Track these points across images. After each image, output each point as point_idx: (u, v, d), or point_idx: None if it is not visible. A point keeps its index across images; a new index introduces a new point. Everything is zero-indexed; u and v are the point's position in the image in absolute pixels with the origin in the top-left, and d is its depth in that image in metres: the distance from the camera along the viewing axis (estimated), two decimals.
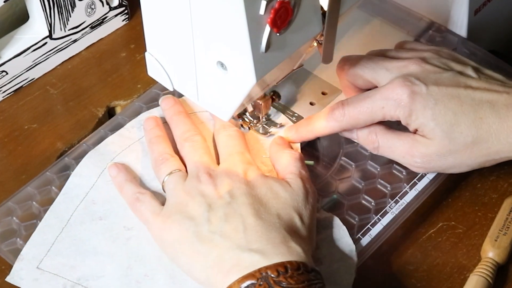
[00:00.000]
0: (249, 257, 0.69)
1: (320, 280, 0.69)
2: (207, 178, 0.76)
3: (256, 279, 0.67)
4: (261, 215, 0.72)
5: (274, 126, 0.85)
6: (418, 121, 0.77)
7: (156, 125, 0.83)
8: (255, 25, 0.66)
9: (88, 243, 0.77)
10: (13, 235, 0.79)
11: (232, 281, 0.68)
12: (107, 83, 0.95)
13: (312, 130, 0.82)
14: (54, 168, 0.84)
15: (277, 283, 0.66)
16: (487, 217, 0.82)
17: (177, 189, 0.76)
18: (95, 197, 0.79)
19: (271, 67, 0.70)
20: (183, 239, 0.73)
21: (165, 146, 0.81)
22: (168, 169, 0.78)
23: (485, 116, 0.76)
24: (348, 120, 0.79)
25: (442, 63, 0.80)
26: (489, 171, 0.85)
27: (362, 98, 0.79)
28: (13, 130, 0.91)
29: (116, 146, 0.83)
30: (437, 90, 0.76)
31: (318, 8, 0.71)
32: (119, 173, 0.80)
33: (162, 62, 0.76)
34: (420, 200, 0.81)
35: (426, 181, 0.82)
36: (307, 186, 0.77)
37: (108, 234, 0.77)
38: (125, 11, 1.01)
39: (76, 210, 0.79)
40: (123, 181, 0.80)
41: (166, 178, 0.78)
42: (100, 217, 0.78)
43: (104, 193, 0.80)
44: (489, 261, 0.77)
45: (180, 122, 0.82)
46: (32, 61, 0.94)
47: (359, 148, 0.85)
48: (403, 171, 0.83)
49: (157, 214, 0.76)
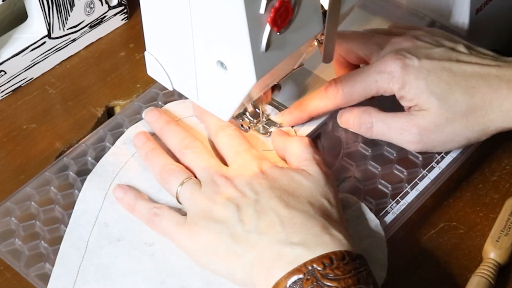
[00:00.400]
0: (292, 251, 0.67)
1: (366, 266, 0.68)
2: (223, 180, 0.74)
3: (302, 274, 0.66)
4: (293, 206, 0.71)
5: (274, 126, 0.85)
6: (412, 92, 0.77)
7: (147, 139, 0.81)
8: (255, 24, 0.65)
9: (113, 266, 0.75)
10: (11, 236, 0.79)
11: (278, 278, 0.66)
12: (106, 83, 0.95)
13: (306, 110, 0.82)
14: (53, 168, 0.83)
15: (324, 276, 0.65)
16: (488, 218, 0.82)
17: (195, 196, 0.75)
18: (106, 220, 0.78)
19: (272, 66, 0.70)
20: (216, 243, 0.71)
21: (165, 158, 0.79)
22: (178, 180, 0.77)
23: (478, 86, 0.77)
24: (342, 97, 0.80)
25: (434, 40, 0.81)
26: (491, 172, 0.85)
27: (355, 73, 0.80)
28: (11, 130, 0.91)
29: (113, 165, 0.82)
30: (429, 63, 0.78)
31: (318, 7, 0.71)
32: (126, 193, 0.79)
33: (161, 62, 0.76)
34: (421, 200, 0.81)
35: (427, 181, 0.82)
36: (324, 169, 0.76)
37: (131, 253, 0.76)
38: (124, 10, 1.01)
39: (90, 236, 0.77)
40: (132, 201, 0.78)
41: (179, 188, 0.76)
42: (118, 239, 0.77)
43: (113, 214, 0.79)
44: (491, 262, 0.77)
45: (173, 131, 0.81)
46: (30, 60, 0.94)
47: (360, 148, 0.85)
48: (404, 171, 0.83)
49: (181, 225, 0.74)
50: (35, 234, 0.79)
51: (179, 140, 0.80)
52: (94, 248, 0.76)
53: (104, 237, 0.77)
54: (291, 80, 0.88)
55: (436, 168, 0.82)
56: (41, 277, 0.76)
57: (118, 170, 0.81)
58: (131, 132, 0.84)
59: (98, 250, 0.76)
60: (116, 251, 0.76)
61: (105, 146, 0.86)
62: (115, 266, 0.75)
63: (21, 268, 0.77)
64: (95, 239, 0.77)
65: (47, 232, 0.79)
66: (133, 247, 0.76)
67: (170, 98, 0.89)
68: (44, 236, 0.79)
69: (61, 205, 0.81)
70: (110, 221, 0.78)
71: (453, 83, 0.77)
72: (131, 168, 0.82)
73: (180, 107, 0.86)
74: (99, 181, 0.81)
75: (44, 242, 0.79)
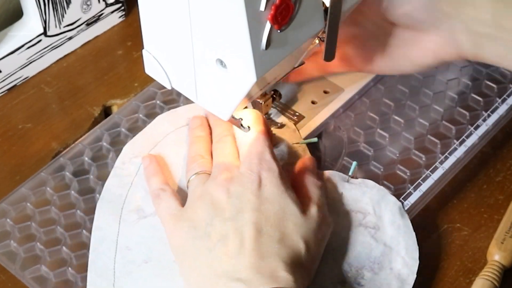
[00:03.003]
0: (236, 286, 0.68)
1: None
2: (223, 181, 0.74)
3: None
4: (261, 239, 0.70)
5: (275, 125, 0.84)
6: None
7: (200, 125, 0.82)
8: (255, 21, 0.65)
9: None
10: (7, 237, 0.79)
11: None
12: (103, 82, 0.95)
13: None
14: (49, 168, 0.83)
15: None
16: (493, 219, 0.82)
17: (195, 191, 0.75)
18: (126, 243, 0.77)
19: (272, 65, 0.69)
20: (184, 247, 0.72)
21: (201, 147, 0.80)
22: (195, 169, 0.77)
23: None
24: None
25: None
26: (495, 172, 0.85)
27: None
28: (7, 129, 0.91)
29: (119, 188, 0.80)
30: None
31: (320, 5, 0.71)
32: (149, 165, 0.80)
33: (159, 60, 0.76)
34: (425, 201, 0.81)
35: (430, 182, 0.81)
36: (323, 214, 0.75)
37: (162, 273, 0.74)
38: (122, 8, 1.01)
39: (115, 263, 0.76)
40: (150, 174, 0.79)
41: (192, 177, 0.77)
42: (144, 260, 0.75)
43: (133, 236, 0.77)
44: (495, 264, 0.77)
45: (216, 124, 0.81)
46: (26, 59, 0.94)
47: (362, 148, 0.85)
48: (407, 172, 0.83)
49: (171, 215, 0.75)
50: (31, 235, 0.79)
51: (217, 133, 0.80)
52: (123, 274, 0.75)
53: (130, 262, 0.76)
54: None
55: (439, 168, 0.82)
56: (37, 280, 0.76)
57: (126, 193, 0.80)
58: (127, 150, 0.83)
59: (127, 275, 0.75)
60: (146, 274, 0.75)
61: (102, 146, 0.85)
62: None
63: (16, 271, 0.77)
64: (121, 265, 0.75)
65: (43, 233, 0.79)
66: (163, 266, 0.75)
67: (169, 97, 0.89)
68: (40, 238, 0.79)
69: (57, 206, 0.81)
70: (131, 244, 0.77)
71: None
72: (137, 187, 0.80)
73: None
74: (109, 207, 0.79)
75: (40, 244, 0.78)
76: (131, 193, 0.80)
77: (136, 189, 0.80)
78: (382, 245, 0.76)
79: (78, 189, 0.82)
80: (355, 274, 0.74)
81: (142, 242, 0.76)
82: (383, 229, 0.76)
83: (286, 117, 0.85)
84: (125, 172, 0.81)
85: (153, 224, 0.77)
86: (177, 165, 0.81)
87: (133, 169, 0.81)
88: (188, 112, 0.85)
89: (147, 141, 0.83)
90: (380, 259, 0.75)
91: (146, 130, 0.84)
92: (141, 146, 0.83)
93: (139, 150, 0.82)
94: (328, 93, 0.88)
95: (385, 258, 0.75)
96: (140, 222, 0.78)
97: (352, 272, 0.74)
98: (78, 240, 0.79)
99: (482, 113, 0.87)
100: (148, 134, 0.84)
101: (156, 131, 0.84)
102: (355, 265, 0.75)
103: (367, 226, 0.76)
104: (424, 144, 0.85)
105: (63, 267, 0.77)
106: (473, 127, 0.85)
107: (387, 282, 0.74)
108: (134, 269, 0.75)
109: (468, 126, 0.86)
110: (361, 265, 0.75)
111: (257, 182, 0.73)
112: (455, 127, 0.86)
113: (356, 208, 0.77)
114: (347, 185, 0.79)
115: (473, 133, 0.84)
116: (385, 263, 0.75)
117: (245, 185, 0.73)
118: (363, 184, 0.79)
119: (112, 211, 0.79)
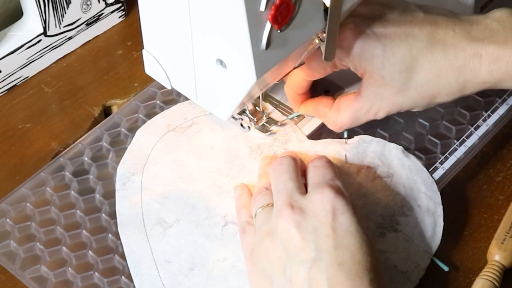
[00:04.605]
0: None
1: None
2: (289, 213, 0.68)
3: None
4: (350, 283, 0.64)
5: (275, 125, 0.85)
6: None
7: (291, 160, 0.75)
8: (255, 21, 0.65)
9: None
10: (6, 238, 0.79)
11: None
12: (103, 82, 0.95)
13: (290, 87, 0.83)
14: (49, 168, 0.83)
15: None
16: (493, 219, 0.82)
17: (262, 228, 0.71)
18: (164, 257, 0.76)
19: (272, 65, 0.69)
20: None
21: (267, 181, 0.76)
22: (261, 203, 0.73)
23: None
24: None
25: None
26: (495, 172, 0.85)
27: None
28: (6, 129, 0.90)
29: (132, 208, 0.79)
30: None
31: (320, 5, 0.70)
32: (241, 195, 0.78)
33: (159, 60, 0.75)
34: None
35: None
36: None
37: (213, 276, 0.74)
38: (122, 8, 1.01)
39: (162, 279, 0.75)
40: (240, 205, 0.77)
41: (259, 210, 0.73)
42: (190, 268, 0.75)
43: (167, 248, 0.76)
44: (496, 264, 0.77)
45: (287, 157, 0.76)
46: (26, 58, 0.94)
47: None
48: None
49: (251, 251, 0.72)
50: (31, 235, 0.79)
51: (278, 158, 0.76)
52: (175, 287, 0.74)
53: (175, 273, 0.75)
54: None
55: (440, 169, 0.81)
56: (37, 280, 0.76)
57: (141, 210, 0.79)
58: (123, 171, 0.82)
59: (180, 287, 0.74)
60: (198, 280, 0.74)
61: (102, 146, 0.85)
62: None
63: (16, 271, 0.77)
64: (169, 280, 0.75)
65: (43, 233, 0.79)
66: (210, 269, 0.75)
67: (169, 97, 0.89)
68: (40, 238, 0.79)
69: (57, 206, 0.81)
70: (169, 256, 0.76)
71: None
72: (149, 202, 0.80)
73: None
74: (131, 228, 0.78)
75: (40, 244, 0.78)
76: (145, 209, 0.79)
77: (148, 204, 0.79)
78: (402, 187, 0.78)
79: (78, 189, 0.82)
80: (390, 222, 0.77)
81: (178, 251, 0.76)
82: (397, 174, 0.79)
83: (285, 117, 0.86)
84: (129, 192, 0.81)
85: (180, 231, 0.77)
86: (173, 172, 0.81)
87: (137, 189, 0.81)
88: (165, 119, 0.85)
89: (137, 158, 0.83)
90: (406, 201, 0.78)
91: (131, 147, 0.84)
92: (134, 163, 0.82)
93: (134, 168, 0.82)
94: (328, 92, 0.88)
95: (410, 198, 0.78)
96: (167, 233, 0.77)
97: (386, 222, 0.76)
98: (78, 240, 0.79)
99: (482, 113, 0.87)
100: (136, 151, 0.83)
101: (142, 145, 0.84)
102: (386, 214, 0.77)
103: (382, 177, 0.79)
104: (424, 144, 0.85)
105: (63, 267, 0.77)
106: (473, 127, 0.85)
107: (420, 219, 0.77)
108: (183, 279, 0.74)
109: (468, 126, 0.86)
110: (392, 213, 0.77)
111: (332, 213, 0.68)
112: (455, 127, 0.86)
113: (365, 164, 0.80)
114: (347, 147, 0.81)
115: (473, 133, 0.84)
116: (412, 203, 0.78)
117: (319, 218, 0.68)
118: (361, 141, 0.82)
119: (136, 231, 0.78)
